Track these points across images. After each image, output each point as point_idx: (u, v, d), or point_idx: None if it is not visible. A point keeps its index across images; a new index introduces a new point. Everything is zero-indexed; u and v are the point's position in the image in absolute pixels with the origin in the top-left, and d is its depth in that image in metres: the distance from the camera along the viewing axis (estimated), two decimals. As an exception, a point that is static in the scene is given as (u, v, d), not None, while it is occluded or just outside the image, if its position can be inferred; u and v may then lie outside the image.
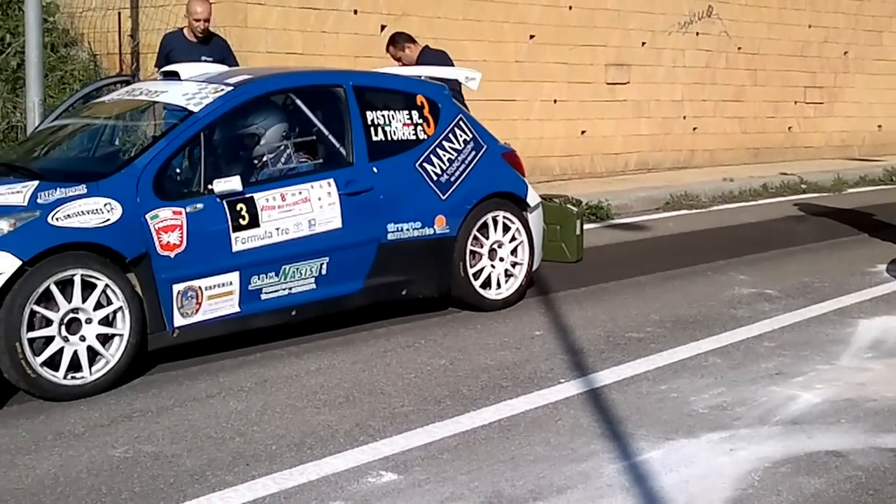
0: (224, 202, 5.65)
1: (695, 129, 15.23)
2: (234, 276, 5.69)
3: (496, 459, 4.25)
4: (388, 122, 6.47)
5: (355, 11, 11.22)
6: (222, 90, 5.97)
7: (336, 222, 6.06)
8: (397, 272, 6.38)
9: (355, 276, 6.21)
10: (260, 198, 5.79)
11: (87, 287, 5.16)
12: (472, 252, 6.72)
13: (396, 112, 6.52)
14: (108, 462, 4.27)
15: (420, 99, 6.70)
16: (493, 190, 6.81)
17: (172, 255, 5.45)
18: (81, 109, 6.85)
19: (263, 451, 4.38)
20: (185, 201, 5.56)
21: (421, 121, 6.64)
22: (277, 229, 5.84)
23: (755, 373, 5.45)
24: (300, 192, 5.95)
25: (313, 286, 6.03)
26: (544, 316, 6.68)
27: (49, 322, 5.05)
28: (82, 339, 5.15)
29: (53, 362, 5.07)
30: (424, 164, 6.54)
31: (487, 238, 6.79)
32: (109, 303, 5.22)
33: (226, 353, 5.77)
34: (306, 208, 5.95)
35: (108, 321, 5.23)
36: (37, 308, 4.99)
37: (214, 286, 5.63)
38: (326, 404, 4.98)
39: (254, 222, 5.75)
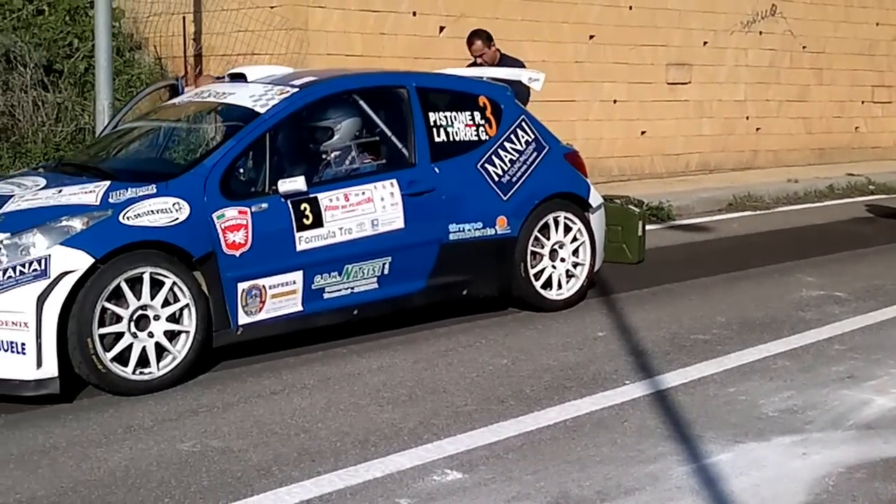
0: (288, 202, 5.74)
1: (758, 129, 15.11)
2: (298, 276, 5.78)
3: (562, 460, 4.27)
4: (450, 122, 6.52)
5: (414, 13, 11.30)
6: (288, 92, 6.06)
7: (398, 222, 6.13)
8: (458, 272, 6.43)
9: (417, 275, 6.27)
10: (324, 198, 5.87)
11: (156, 284, 5.27)
12: (533, 253, 6.75)
13: (459, 113, 6.58)
14: (177, 455, 4.36)
15: (482, 100, 6.75)
16: (554, 190, 6.84)
17: (237, 254, 5.55)
18: (150, 112, 6.99)
19: (328, 447, 4.43)
20: (251, 201, 5.65)
21: (483, 122, 6.68)
22: (341, 229, 5.91)
23: (826, 376, 5.41)
24: (363, 193, 6.02)
25: (375, 286, 6.10)
26: (606, 317, 6.69)
27: (119, 318, 5.16)
28: (150, 335, 5.26)
29: (123, 358, 5.19)
30: (486, 165, 6.59)
31: (548, 238, 6.82)
32: (176, 300, 5.33)
33: (289, 351, 5.84)
34: (369, 208, 6.03)
35: (175, 318, 5.33)
36: (107, 305, 5.11)
37: (278, 285, 5.71)
38: (390, 402, 5.03)
39: (317, 222, 5.82)
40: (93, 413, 4.93)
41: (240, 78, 6.55)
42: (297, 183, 5.69)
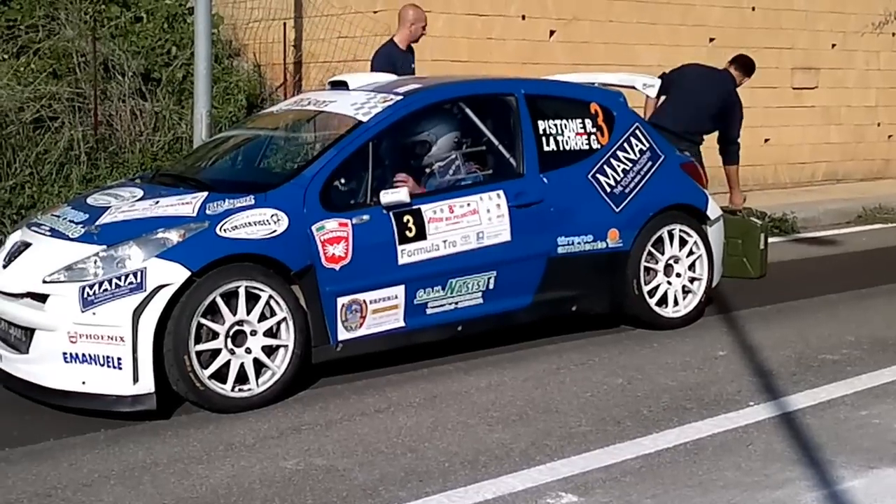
0: (390, 214, 5.77)
1: (890, 136, 14.70)
2: (400, 290, 5.79)
3: (683, 484, 4.20)
4: (559, 131, 6.48)
5: (523, 17, 11.30)
6: (391, 100, 6.10)
7: (505, 235, 6.11)
8: (567, 287, 6.39)
9: (524, 290, 6.24)
10: (427, 209, 5.88)
11: (251, 299, 5.33)
12: (647, 268, 6.67)
13: (569, 121, 6.54)
14: (281, 473, 4.41)
15: (594, 107, 6.70)
16: (669, 202, 6.76)
17: (337, 267, 5.59)
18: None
19: (436, 467, 4.43)
20: (352, 212, 5.69)
21: (594, 130, 6.63)
22: (445, 242, 5.92)
23: (967, 399, 5.22)
24: (468, 204, 6.02)
25: (480, 301, 6.09)
26: (727, 335, 6.56)
27: (215, 334, 5.26)
28: (248, 351, 5.33)
29: (221, 374, 5.27)
30: (597, 175, 6.53)
31: (663, 253, 6.72)
32: (273, 314, 5.39)
33: (391, 368, 5.87)
34: (474, 220, 6.02)
35: (272, 333, 5.40)
36: (203, 321, 5.19)
37: (379, 300, 5.74)
38: (499, 422, 5.01)
39: (420, 234, 5.84)
40: (192, 429, 5.01)
41: (341, 86, 6.61)
42: (399, 194, 5.71)
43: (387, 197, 5.72)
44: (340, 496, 4.15)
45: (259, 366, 5.36)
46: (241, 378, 5.32)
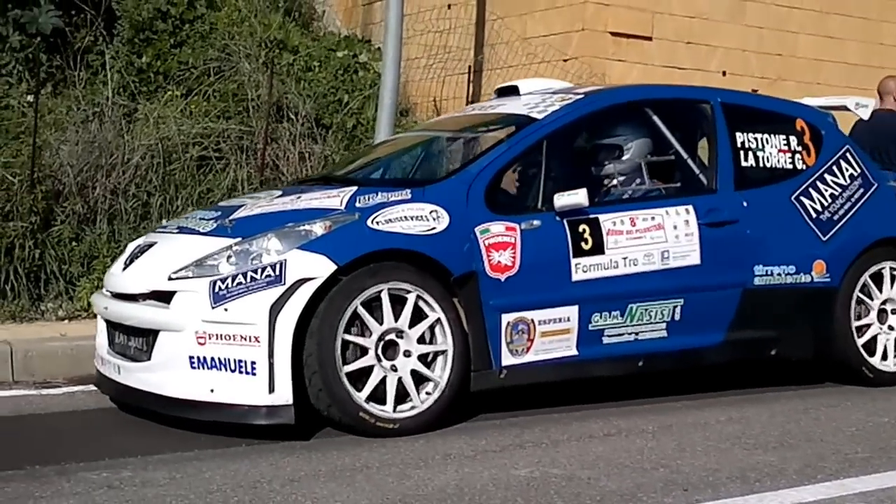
0: (564, 221, 5.19)
1: None
2: (573, 311, 5.23)
3: None
4: (760, 146, 5.87)
5: (724, 73, 10.67)
6: (570, 98, 5.67)
7: (694, 257, 5.47)
8: (764, 325, 5.75)
9: (715, 325, 5.62)
10: (606, 220, 5.33)
11: (401, 302, 4.84)
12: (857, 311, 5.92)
13: (771, 136, 5.94)
14: (515, 479, 4.10)
15: (800, 124, 6.07)
16: (884, 235, 6.08)
17: (503, 277, 5.05)
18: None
19: (699, 480, 4.11)
20: (520, 216, 5.19)
21: (800, 148, 6.00)
22: (625, 259, 5.34)
23: None
24: (652, 218, 5.44)
25: (664, 333, 5.46)
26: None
27: (365, 350, 4.76)
28: (406, 355, 4.81)
29: (376, 393, 4.78)
30: (802, 198, 5.88)
31: (879, 294, 5.95)
32: (434, 330, 4.90)
33: (584, 405, 5.42)
34: (659, 237, 5.41)
35: (426, 339, 4.91)
36: (348, 337, 4.72)
37: (549, 321, 5.18)
38: (757, 447, 4.64)
39: (598, 248, 5.28)
40: (401, 442, 4.67)
41: (511, 92, 6.08)
42: (577, 196, 5.16)
43: (562, 200, 5.17)
44: (594, 499, 3.85)
45: (419, 380, 4.87)
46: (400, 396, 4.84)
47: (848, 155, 6.12)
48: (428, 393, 4.85)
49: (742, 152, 5.81)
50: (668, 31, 10.17)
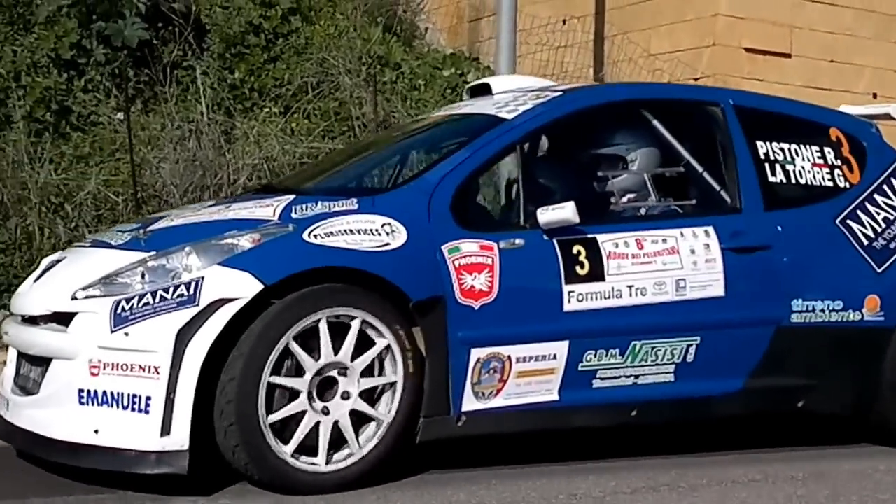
0: (555, 241, 4.31)
1: None
2: (562, 348, 4.35)
3: None
4: (789, 158, 4.95)
5: (874, 95, 9.69)
6: (547, 96, 4.79)
7: (716, 288, 4.58)
8: (795, 372, 4.82)
9: (734, 369, 4.70)
10: (606, 240, 4.43)
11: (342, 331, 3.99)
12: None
13: (801, 146, 5.00)
14: None
15: (835, 133, 5.16)
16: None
17: (476, 305, 4.17)
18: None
19: None
20: (500, 234, 4.30)
21: (839, 162, 5.08)
22: (630, 287, 4.44)
23: None
24: (664, 240, 4.52)
25: (670, 377, 4.57)
26: None
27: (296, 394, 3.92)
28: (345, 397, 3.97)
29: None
30: (849, 222, 4.94)
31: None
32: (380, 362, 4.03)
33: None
34: (672, 262, 4.51)
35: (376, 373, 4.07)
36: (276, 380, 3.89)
37: (531, 358, 4.31)
38: None
39: (596, 273, 4.39)
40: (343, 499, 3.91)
41: (483, 91, 5.25)
42: (564, 211, 4.29)
43: (546, 215, 4.32)
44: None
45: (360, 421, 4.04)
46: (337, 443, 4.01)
47: (898, 170, 5.23)
48: (369, 437, 4.01)
49: (767, 165, 4.88)
50: (809, 47, 9.33)
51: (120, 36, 8.38)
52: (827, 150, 5.07)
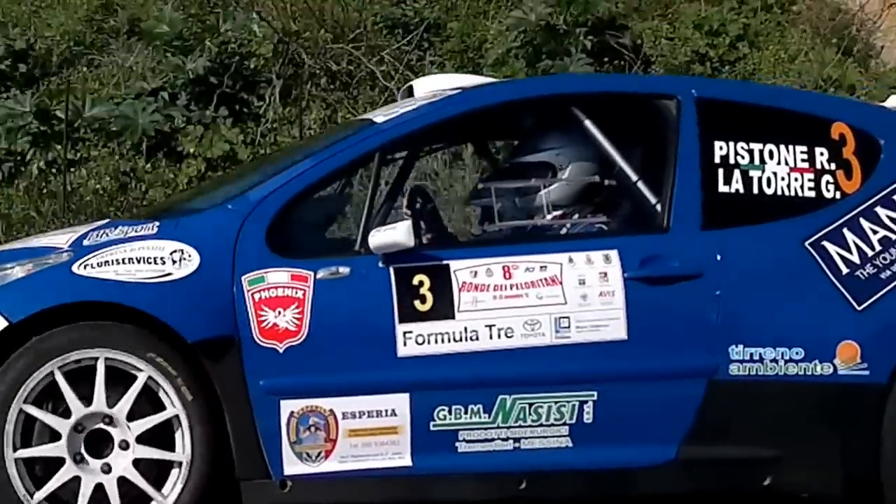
0: (391, 269, 3.57)
1: None
2: (401, 402, 3.63)
3: None
4: (758, 161, 3.86)
5: None
6: (437, 97, 4.04)
7: (615, 329, 3.67)
8: (751, 440, 3.75)
9: (659, 435, 3.73)
10: (462, 268, 3.63)
11: (121, 380, 3.53)
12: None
13: (780, 146, 3.90)
14: None
15: (839, 130, 3.98)
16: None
17: (281, 347, 3.53)
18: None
19: None
20: (322, 261, 3.63)
21: (833, 166, 3.91)
22: (490, 327, 3.59)
23: None
24: (542, 268, 3.64)
25: (566, 442, 3.68)
26: None
27: (55, 435, 3.48)
28: (107, 469, 3.42)
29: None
30: (825, 244, 3.79)
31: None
32: (159, 409, 3.51)
33: None
34: (553, 296, 3.64)
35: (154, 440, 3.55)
36: (30, 409, 3.47)
37: (361, 413, 3.60)
38: None
39: (442, 310, 3.62)
40: None
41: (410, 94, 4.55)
42: (395, 232, 3.57)
43: (377, 237, 3.59)
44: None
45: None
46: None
47: (926, 179, 3.99)
48: (173, 482, 3.52)
49: (722, 171, 3.85)
50: None
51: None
52: (819, 150, 3.94)
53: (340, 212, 4.09)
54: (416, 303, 3.61)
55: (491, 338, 3.62)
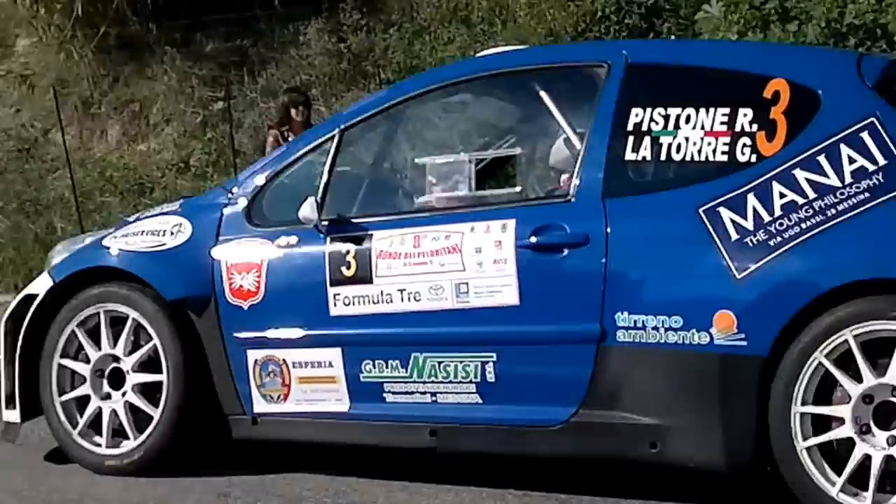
0: (328, 239, 4.15)
1: None
2: (335, 355, 4.17)
3: None
4: (672, 127, 3.79)
5: None
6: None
7: (508, 294, 3.90)
8: (639, 407, 3.76)
9: (556, 396, 3.87)
10: (381, 238, 4.09)
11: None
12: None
13: (700, 110, 3.77)
14: None
15: (776, 86, 3.73)
16: (883, 273, 3.43)
17: (245, 305, 4.26)
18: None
19: None
20: (281, 231, 4.27)
21: (755, 128, 3.71)
22: (401, 291, 4.02)
23: None
24: (447, 237, 3.97)
25: (476, 399, 3.99)
26: None
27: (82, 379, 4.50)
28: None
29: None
30: (721, 210, 3.64)
31: (868, 374, 3.42)
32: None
33: None
34: (453, 263, 3.96)
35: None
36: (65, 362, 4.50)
37: (306, 363, 4.21)
38: None
39: (362, 275, 4.10)
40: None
41: None
42: (303, 209, 4.15)
43: (299, 212, 4.12)
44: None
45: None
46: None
47: (869, 133, 3.54)
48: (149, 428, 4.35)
49: (632, 139, 3.79)
50: None
51: None
52: (744, 111, 3.71)
53: (310, 188, 4.60)
54: (343, 268, 4.08)
55: (402, 301, 3.99)
